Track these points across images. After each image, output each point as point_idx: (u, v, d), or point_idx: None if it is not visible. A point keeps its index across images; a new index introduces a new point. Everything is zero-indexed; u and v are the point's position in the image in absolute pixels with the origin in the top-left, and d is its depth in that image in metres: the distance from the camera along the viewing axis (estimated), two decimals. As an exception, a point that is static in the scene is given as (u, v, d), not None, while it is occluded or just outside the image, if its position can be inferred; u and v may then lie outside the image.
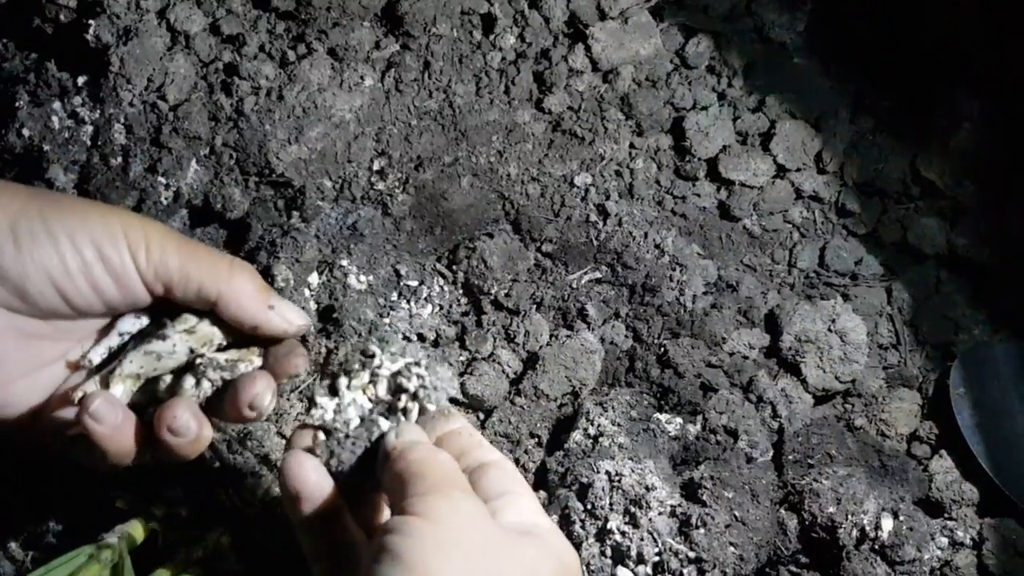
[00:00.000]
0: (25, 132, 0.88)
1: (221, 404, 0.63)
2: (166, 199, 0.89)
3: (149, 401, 0.64)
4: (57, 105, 0.89)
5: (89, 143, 0.88)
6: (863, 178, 1.04)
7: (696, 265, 0.97)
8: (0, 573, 0.80)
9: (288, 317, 0.64)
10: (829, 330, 0.94)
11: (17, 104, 0.89)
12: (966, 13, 1.05)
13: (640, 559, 0.75)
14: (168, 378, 0.64)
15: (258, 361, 0.65)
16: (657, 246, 0.96)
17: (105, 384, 0.62)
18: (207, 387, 0.62)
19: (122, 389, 0.62)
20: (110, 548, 0.68)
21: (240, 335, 0.65)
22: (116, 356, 0.64)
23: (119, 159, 0.88)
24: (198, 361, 0.62)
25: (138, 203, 0.88)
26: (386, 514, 0.62)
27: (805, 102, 1.05)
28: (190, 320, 0.64)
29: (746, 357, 0.95)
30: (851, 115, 1.06)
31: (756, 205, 1.01)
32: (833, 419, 0.94)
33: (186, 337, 0.63)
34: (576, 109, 0.99)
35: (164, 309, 0.64)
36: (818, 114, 1.05)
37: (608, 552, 0.76)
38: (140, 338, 0.63)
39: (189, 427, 0.60)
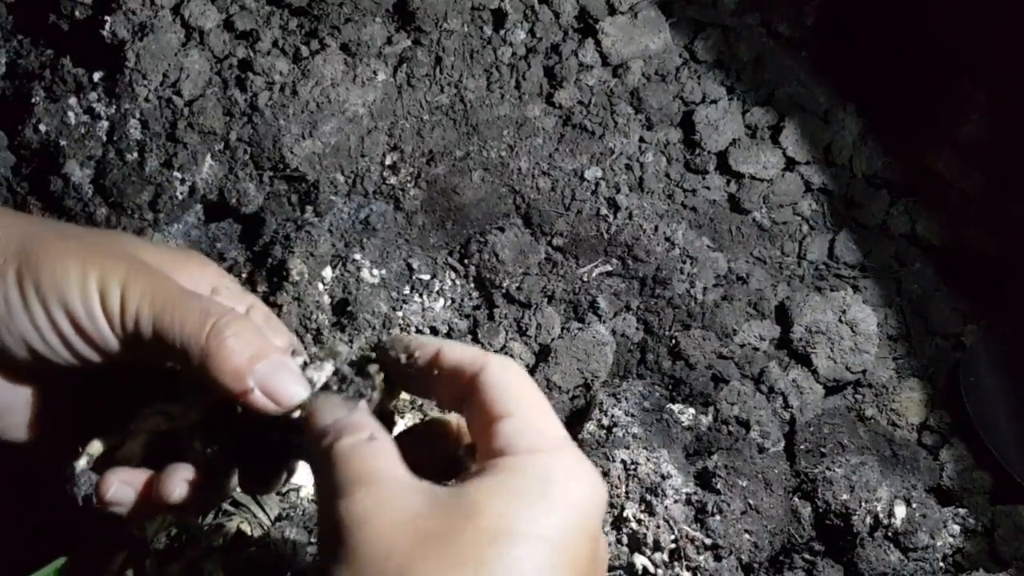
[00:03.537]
0: (41, 128, 0.89)
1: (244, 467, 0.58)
2: (181, 194, 0.89)
3: (164, 455, 0.58)
4: (73, 101, 0.89)
5: (105, 138, 0.89)
6: (872, 170, 1.05)
7: (706, 258, 0.97)
8: (14, 564, 0.81)
9: (278, 397, 0.53)
10: (839, 321, 0.95)
11: (33, 100, 0.89)
12: (973, 4, 1.06)
13: (656, 546, 0.75)
14: (182, 435, 0.58)
15: None
16: (667, 239, 0.96)
17: (119, 442, 0.57)
18: (211, 455, 0.57)
19: (134, 447, 0.58)
20: (132, 536, 0.69)
21: None
22: (136, 395, 0.59)
23: (135, 154, 0.89)
24: (207, 429, 0.57)
25: (154, 198, 0.89)
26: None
27: (814, 95, 1.06)
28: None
29: (757, 348, 0.96)
30: (859, 108, 1.07)
31: (766, 198, 1.01)
32: (844, 409, 0.95)
33: (198, 399, 0.58)
34: (586, 103, 0.99)
35: None
36: (827, 107, 1.06)
37: (624, 540, 0.77)
38: (160, 383, 0.59)
39: (184, 499, 0.56)
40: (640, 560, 0.75)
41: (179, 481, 0.55)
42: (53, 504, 0.82)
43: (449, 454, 0.56)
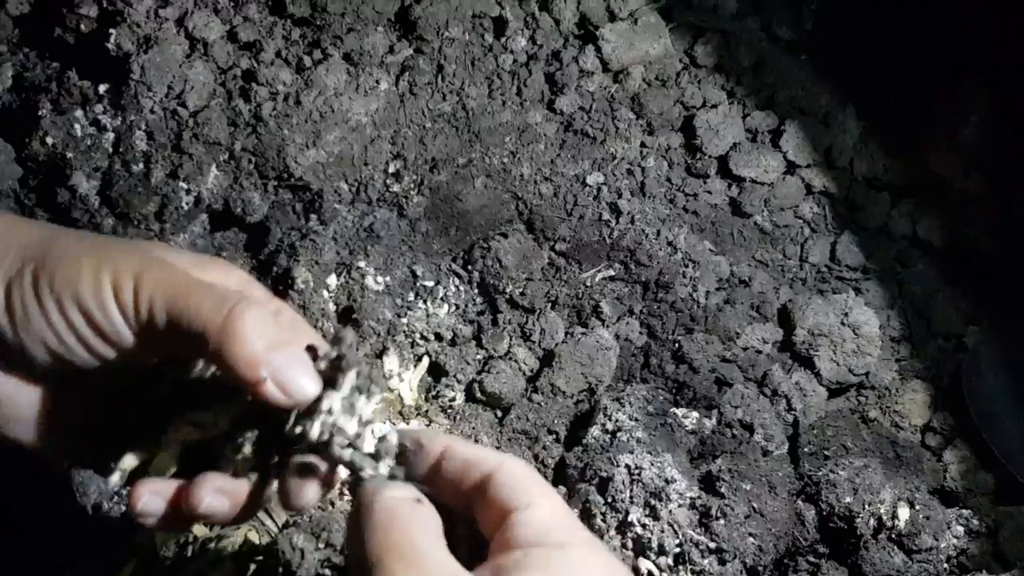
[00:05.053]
0: (48, 140, 0.90)
1: (278, 480, 0.57)
2: (187, 204, 0.90)
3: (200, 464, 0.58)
4: (79, 113, 0.90)
5: (111, 150, 0.90)
6: (872, 172, 1.05)
7: (708, 261, 0.98)
8: (34, 568, 0.82)
9: (289, 388, 0.52)
10: (842, 323, 0.96)
11: (40, 112, 0.90)
12: (972, 5, 1.06)
13: (661, 550, 0.76)
14: (214, 445, 0.57)
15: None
16: (670, 243, 0.97)
17: (150, 454, 0.57)
18: (241, 463, 0.56)
19: (166, 459, 0.57)
20: (141, 545, 0.70)
21: None
22: (165, 406, 0.58)
23: (141, 165, 0.89)
24: (237, 438, 0.56)
25: (160, 208, 0.90)
26: None
27: (813, 99, 1.06)
28: (231, 390, 0.56)
29: (760, 351, 0.96)
30: (859, 110, 1.07)
31: (767, 201, 1.02)
32: (847, 411, 0.95)
33: (227, 406, 0.57)
34: (587, 109, 1.00)
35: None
36: (826, 110, 1.06)
37: (629, 544, 0.77)
38: (188, 392, 0.58)
39: (214, 507, 0.55)
40: (645, 564, 0.75)
41: (209, 490, 0.54)
42: (61, 512, 0.83)
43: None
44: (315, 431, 0.52)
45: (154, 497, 0.55)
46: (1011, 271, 1.02)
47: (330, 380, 0.53)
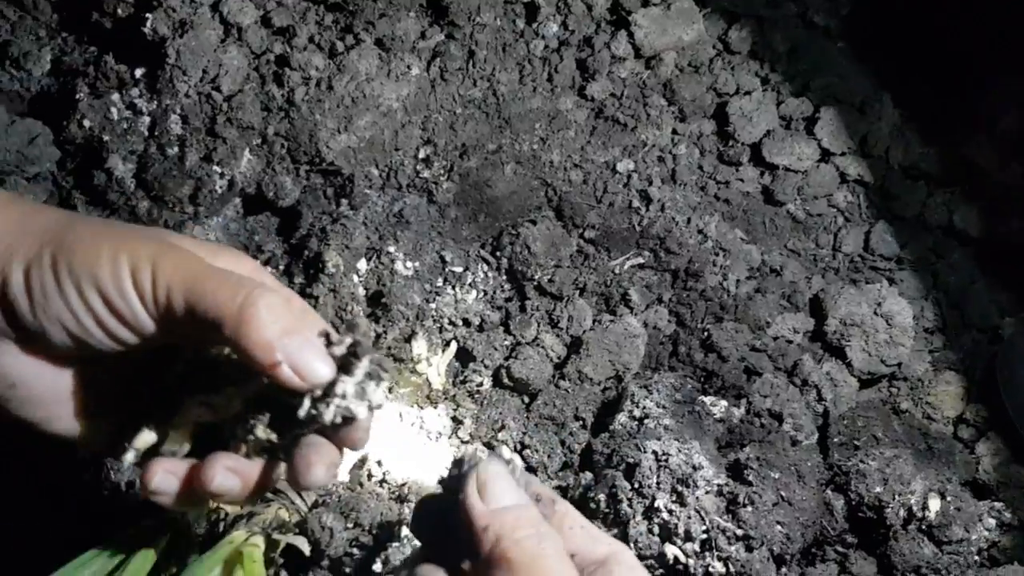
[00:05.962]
0: (86, 123, 0.91)
1: (288, 461, 0.58)
2: (220, 187, 0.91)
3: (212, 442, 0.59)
4: (116, 97, 0.91)
5: (147, 133, 0.91)
6: (908, 161, 1.04)
7: (739, 250, 0.97)
8: (58, 548, 0.83)
9: (304, 372, 0.53)
10: (875, 314, 0.94)
11: (78, 96, 0.92)
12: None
13: (688, 536, 0.76)
14: (225, 426, 0.59)
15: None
16: (700, 231, 0.96)
17: (163, 433, 0.58)
18: (253, 445, 0.57)
19: (179, 438, 0.58)
20: (174, 520, 0.71)
21: None
22: (178, 386, 0.60)
23: (176, 149, 0.91)
24: (249, 419, 0.57)
25: (194, 191, 0.91)
26: None
27: (849, 86, 1.05)
28: (245, 373, 0.57)
29: (790, 341, 0.96)
30: (895, 98, 1.06)
31: (800, 189, 1.01)
32: (879, 402, 0.94)
33: (239, 389, 0.58)
34: (619, 96, 1.00)
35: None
36: (862, 98, 1.05)
37: (656, 530, 0.77)
38: (202, 374, 0.59)
39: (226, 486, 0.56)
40: (671, 550, 0.75)
41: (220, 469, 0.56)
42: (95, 489, 0.84)
43: None
44: (328, 415, 0.53)
45: (167, 475, 0.56)
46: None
47: (343, 366, 0.54)
